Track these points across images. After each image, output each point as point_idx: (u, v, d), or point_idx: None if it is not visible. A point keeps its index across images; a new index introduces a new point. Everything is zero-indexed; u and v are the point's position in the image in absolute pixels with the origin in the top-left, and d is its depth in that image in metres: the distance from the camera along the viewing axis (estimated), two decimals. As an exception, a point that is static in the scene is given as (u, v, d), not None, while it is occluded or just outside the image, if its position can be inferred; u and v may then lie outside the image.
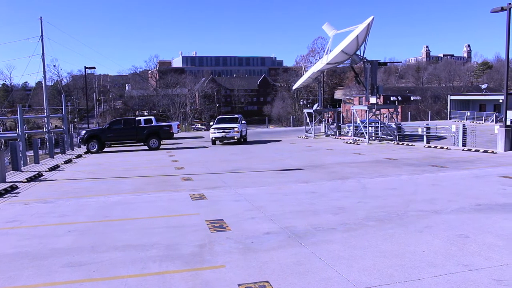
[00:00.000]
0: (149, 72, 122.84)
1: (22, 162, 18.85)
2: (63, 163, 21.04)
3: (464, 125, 22.77)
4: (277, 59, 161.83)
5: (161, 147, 28.39)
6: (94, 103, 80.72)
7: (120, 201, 10.90)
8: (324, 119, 38.23)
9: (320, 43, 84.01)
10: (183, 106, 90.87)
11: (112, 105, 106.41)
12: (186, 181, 13.70)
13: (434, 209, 8.89)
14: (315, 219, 8.38)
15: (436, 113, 71.41)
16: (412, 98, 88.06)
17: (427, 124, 27.81)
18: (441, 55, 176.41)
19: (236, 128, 28.40)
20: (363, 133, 28.60)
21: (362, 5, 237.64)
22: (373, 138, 28.49)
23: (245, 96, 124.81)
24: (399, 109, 34.67)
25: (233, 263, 6.08)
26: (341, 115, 41.48)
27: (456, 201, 9.55)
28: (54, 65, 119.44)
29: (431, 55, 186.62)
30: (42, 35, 41.79)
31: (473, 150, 20.56)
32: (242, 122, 30.40)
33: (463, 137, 22.13)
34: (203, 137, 40.35)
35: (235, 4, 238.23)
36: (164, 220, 8.77)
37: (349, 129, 33.62)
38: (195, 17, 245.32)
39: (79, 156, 24.71)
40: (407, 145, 24.96)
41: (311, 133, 34.50)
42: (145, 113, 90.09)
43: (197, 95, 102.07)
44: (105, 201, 10.96)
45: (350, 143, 27.51)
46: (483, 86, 74.10)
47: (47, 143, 26.24)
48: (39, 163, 21.04)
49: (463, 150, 20.99)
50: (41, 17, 41.87)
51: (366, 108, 27.93)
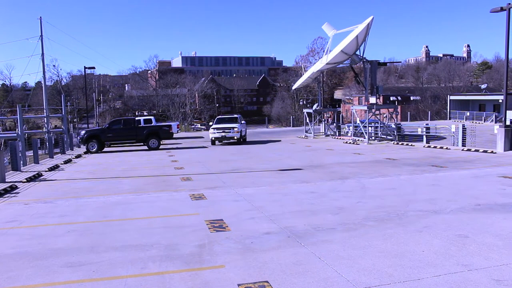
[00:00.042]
0: (149, 72, 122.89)
1: (21, 162, 18.86)
2: (62, 163, 21.03)
3: (463, 125, 22.76)
4: (276, 59, 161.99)
5: (161, 147, 28.39)
6: (93, 103, 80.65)
7: (119, 201, 10.90)
8: (323, 119, 38.24)
9: (319, 43, 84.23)
10: (183, 106, 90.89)
11: (112, 105, 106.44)
12: (185, 181, 13.70)
13: (434, 209, 8.89)
14: (314, 219, 8.38)
15: (436, 113, 71.47)
16: (411, 98, 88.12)
17: (426, 124, 27.82)
18: (441, 55, 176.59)
19: (236, 128, 28.35)
20: (362, 133, 28.61)
21: (362, 5, 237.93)
22: (373, 138, 28.50)
23: (245, 96, 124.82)
24: (398, 109, 34.65)
25: (233, 263, 6.08)
26: (340, 115, 41.48)
27: (455, 201, 9.55)
28: (54, 65, 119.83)
29: (430, 55, 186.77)
30: (41, 35, 41.86)
31: (473, 150, 20.56)
32: (241, 122, 30.36)
33: (462, 137, 22.12)
34: (202, 137, 40.36)
35: (235, 4, 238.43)
36: (163, 220, 8.77)
37: (349, 129, 33.62)
38: (195, 17, 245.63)
39: (78, 156, 24.71)
40: (407, 145, 24.97)
41: (311, 133, 34.51)
42: (145, 113, 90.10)
43: (196, 95, 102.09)
44: (104, 201, 10.96)
45: (350, 143, 27.52)
46: (483, 86, 74.10)
47: (47, 143, 26.23)
48: (38, 163, 21.03)
49: (462, 150, 21.00)
50: (40, 17, 41.96)
51: (365, 108, 27.94)
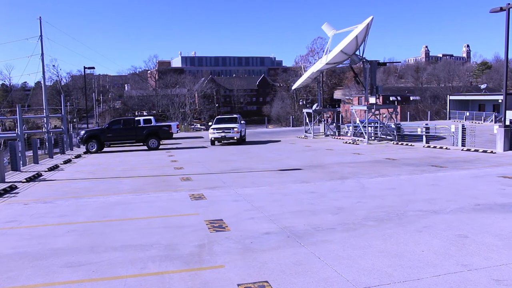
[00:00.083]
0: (149, 72, 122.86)
1: (21, 162, 18.85)
2: (62, 163, 21.02)
3: (463, 125, 22.76)
4: (276, 59, 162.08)
5: (161, 147, 28.38)
6: (93, 103, 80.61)
7: (119, 201, 10.89)
8: (323, 119, 38.24)
9: (319, 43, 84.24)
10: (183, 106, 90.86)
11: (112, 105, 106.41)
12: (185, 181, 13.70)
13: (433, 209, 8.90)
14: (314, 219, 8.38)
15: (436, 113, 71.53)
16: (411, 98, 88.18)
17: (426, 124, 27.83)
18: (440, 55, 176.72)
19: (236, 128, 28.29)
20: (362, 133, 28.62)
21: (362, 5, 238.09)
22: (373, 138, 28.50)
23: (245, 96, 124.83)
24: (398, 109, 34.65)
25: (233, 263, 6.08)
26: (340, 115, 41.46)
27: (455, 201, 9.56)
28: (54, 65, 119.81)
29: (430, 55, 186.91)
30: (41, 35, 41.81)
31: (472, 150, 20.57)
32: (241, 122, 30.33)
33: (462, 137, 22.13)
34: (202, 137, 40.36)
35: (235, 4, 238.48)
36: (163, 220, 8.77)
37: (349, 129, 33.63)
38: (195, 17, 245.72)
39: (78, 156, 24.70)
40: (406, 145, 24.98)
41: (311, 133, 34.51)
42: (145, 113, 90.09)
43: (196, 95, 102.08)
44: (104, 201, 10.96)
45: (350, 143, 27.52)
46: (482, 86, 74.08)
47: (46, 143, 26.23)
48: (38, 163, 21.03)
49: (462, 150, 21.01)
50: (40, 17, 41.93)
51: (365, 108, 27.95)
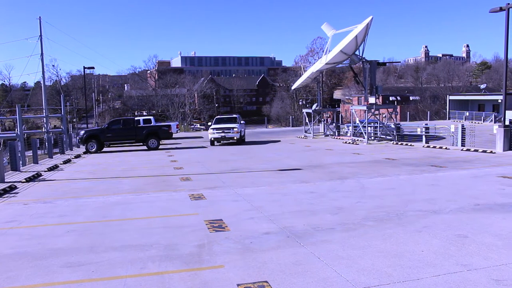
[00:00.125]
0: (148, 72, 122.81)
1: (21, 162, 18.85)
2: (62, 163, 21.02)
3: (463, 125, 22.77)
4: (276, 59, 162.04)
5: (160, 147, 28.37)
6: (93, 103, 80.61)
7: (119, 201, 10.89)
8: (323, 119, 38.23)
9: (319, 43, 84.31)
10: (182, 106, 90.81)
11: (111, 105, 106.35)
12: (185, 181, 13.70)
13: (433, 209, 8.90)
14: (314, 219, 8.38)
15: (435, 113, 71.54)
16: (411, 98, 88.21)
17: (426, 124, 27.84)
18: (440, 55, 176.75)
19: (235, 128, 28.22)
20: (362, 133, 28.62)
21: (361, 5, 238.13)
22: (372, 138, 28.51)
23: (244, 96, 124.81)
24: (398, 109, 34.66)
25: (232, 263, 6.08)
26: (340, 115, 41.46)
27: (455, 201, 9.56)
28: (53, 65, 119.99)
29: (430, 55, 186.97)
30: (41, 35, 41.83)
31: (472, 150, 20.58)
32: (240, 122, 30.29)
33: (462, 137, 22.14)
34: (202, 137, 40.35)
35: (235, 4, 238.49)
36: (163, 220, 8.77)
37: (348, 129, 33.63)
38: (194, 17, 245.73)
39: (78, 156, 24.69)
40: (406, 145, 24.98)
41: (310, 133, 34.52)
42: (144, 113, 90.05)
43: (196, 95, 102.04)
44: (104, 201, 10.96)
45: (349, 143, 27.53)
46: (482, 86, 74.17)
47: (46, 143, 26.22)
48: (38, 163, 21.02)
49: (462, 150, 21.02)
50: (40, 17, 41.96)
51: (365, 108, 27.95)
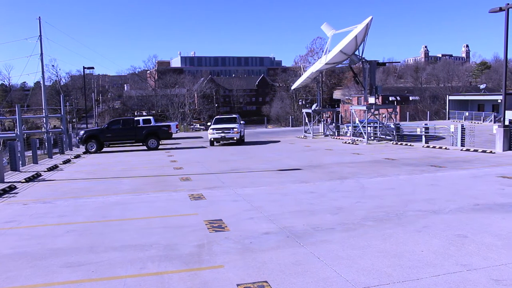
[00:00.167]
0: (148, 72, 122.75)
1: (20, 162, 18.84)
2: (61, 163, 21.01)
3: (462, 125, 22.79)
4: (275, 59, 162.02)
5: (160, 147, 28.37)
6: (92, 103, 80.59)
7: (118, 201, 10.88)
8: (323, 119, 38.25)
9: (319, 43, 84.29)
10: (182, 106, 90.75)
11: (111, 105, 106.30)
12: (184, 181, 13.69)
13: (433, 209, 8.90)
14: (313, 219, 8.38)
15: (435, 113, 71.55)
16: (410, 98, 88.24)
17: (425, 124, 27.85)
18: (440, 55, 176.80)
19: (235, 128, 28.15)
20: (361, 133, 28.63)
21: (361, 5, 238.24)
22: (372, 138, 28.51)
23: (244, 96, 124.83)
24: (397, 109, 34.70)
25: (232, 263, 6.08)
26: (339, 115, 41.45)
27: (454, 201, 9.56)
28: (53, 65, 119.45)
29: (429, 55, 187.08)
30: (40, 35, 41.80)
31: (472, 150, 20.59)
32: (240, 122, 30.25)
33: (461, 137, 22.15)
34: (201, 137, 40.34)
35: (234, 4, 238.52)
36: (162, 220, 8.76)
37: (348, 129, 33.64)
38: (194, 17, 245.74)
39: (77, 156, 24.69)
40: (406, 145, 24.99)
41: (310, 133, 34.52)
42: (144, 113, 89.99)
43: (196, 95, 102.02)
44: (103, 201, 10.95)
45: (349, 143, 27.53)
46: (482, 86, 74.16)
47: (46, 143, 26.20)
48: (37, 163, 21.01)
49: (461, 150, 21.02)
50: (39, 17, 41.95)
51: (364, 108, 27.96)
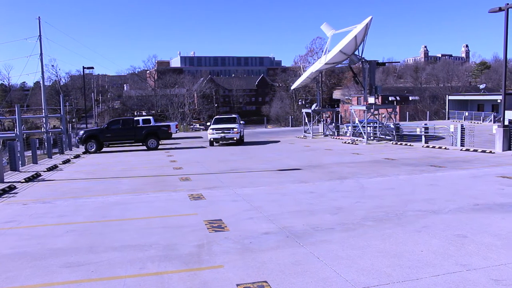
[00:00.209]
0: (148, 72, 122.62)
1: (20, 162, 18.83)
2: (61, 163, 21.00)
3: (462, 125, 22.79)
4: (275, 59, 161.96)
5: (160, 147, 28.37)
6: (92, 103, 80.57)
7: (118, 201, 10.88)
8: (322, 119, 38.27)
9: (318, 43, 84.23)
10: (182, 106, 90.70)
11: (111, 105, 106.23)
12: (184, 181, 13.69)
13: (432, 209, 8.90)
14: (313, 219, 8.38)
15: (435, 113, 71.53)
16: (410, 98, 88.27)
17: (425, 124, 27.86)
18: (439, 55, 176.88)
19: (236, 128, 28.04)
20: (361, 133, 28.63)
21: (361, 5, 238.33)
22: (372, 138, 28.52)
23: (244, 96, 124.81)
24: (397, 109, 34.70)
25: (232, 263, 6.08)
26: (339, 115, 41.45)
27: (454, 201, 9.56)
28: (53, 65, 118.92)
29: (429, 55, 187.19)
30: (40, 35, 41.76)
31: (471, 150, 20.59)
32: (240, 122, 30.21)
33: (461, 137, 22.16)
34: (201, 137, 40.34)
35: (234, 4, 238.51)
36: (162, 220, 8.76)
37: (348, 129, 33.64)
38: (194, 17, 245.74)
39: (77, 156, 24.68)
40: (406, 145, 24.99)
41: (310, 133, 34.52)
42: (144, 113, 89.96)
43: (195, 95, 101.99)
44: (103, 201, 10.95)
45: (349, 143, 27.53)
46: (481, 86, 74.20)
47: (45, 143, 26.19)
48: (37, 163, 21.00)
49: (461, 150, 21.03)
50: (39, 17, 41.90)
51: (364, 108, 27.96)
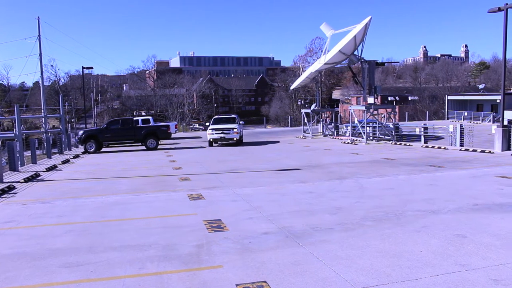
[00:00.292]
0: (147, 72, 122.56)
1: (19, 162, 18.81)
2: (60, 163, 20.99)
3: (461, 125, 22.81)
4: (275, 59, 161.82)
5: (159, 147, 28.36)
6: (91, 103, 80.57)
7: (117, 201, 10.88)
8: (322, 119, 38.27)
9: (318, 43, 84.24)
10: (181, 106, 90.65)
11: (110, 105, 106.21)
12: (184, 181, 13.69)
13: (432, 209, 8.91)
14: (313, 219, 8.38)
15: (434, 113, 71.56)
16: (409, 98, 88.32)
17: (424, 124, 27.88)
18: (439, 55, 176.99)
19: (235, 129, 27.86)
20: (360, 133, 28.64)
21: (360, 5, 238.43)
22: (371, 138, 28.53)
23: (243, 96, 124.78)
24: (396, 109, 34.72)
25: (231, 263, 6.08)
26: (339, 115, 41.50)
27: (453, 201, 9.57)
28: (52, 65, 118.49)
29: (428, 55, 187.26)
30: (39, 35, 41.71)
31: (471, 150, 20.61)
32: (239, 122, 30.13)
33: (460, 137, 22.17)
34: (200, 137, 40.32)
35: (234, 4, 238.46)
36: (161, 220, 8.76)
37: (347, 129, 33.66)
38: (193, 17, 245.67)
39: (76, 156, 24.67)
40: (405, 145, 25.00)
41: (309, 133, 34.52)
42: (143, 113, 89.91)
43: (195, 95, 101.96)
44: (102, 201, 10.95)
45: (348, 143, 27.54)
46: (481, 86, 74.19)
47: (45, 143, 26.16)
48: (36, 163, 20.98)
49: (460, 150, 21.04)
50: (38, 17, 41.84)
51: (363, 108, 27.97)
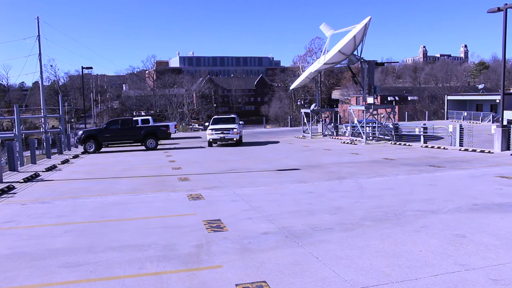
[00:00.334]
0: (147, 72, 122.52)
1: (19, 163, 18.80)
2: (60, 163, 20.98)
3: (461, 125, 22.82)
4: (274, 59, 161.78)
5: (159, 147, 28.35)
6: (91, 103, 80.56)
7: (117, 201, 10.88)
8: (321, 119, 38.27)
9: (317, 43, 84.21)
10: (181, 106, 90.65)
11: (109, 105, 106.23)
12: (183, 181, 13.69)
13: (431, 209, 8.91)
14: (312, 219, 8.38)
15: (433, 113, 71.59)
16: (409, 98, 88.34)
17: (424, 124, 27.87)
18: (438, 55, 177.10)
19: (235, 129, 27.79)
20: (360, 133, 28.65)
21: (360, 5, 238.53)
22: (371, 138, 28.54)
23: (243, 96, 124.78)
24: (396, 109, 34.74)
25: (231, 263, 6.08)
26: (338, 115, 41.52)
27: (453, 201, 9.58)
28: (51, 65, 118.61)
29: (428, 55, 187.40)
30: (39, 35, 41.66)
31: (470, 150, 20.62)
32: (239, 122, 30.08)
33: (460, 137, 22.18)
34: (200, 137, 40.31)
35: (233, 4, 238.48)
36: (161, 220, 8.76)
37: (347, 129, 33.67)
38: (193, 17, 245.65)
39: (76, 157, 24.66)
40: (404, 145, 25.01)
41: (309, 133, 34.52)
42: (143, 113, 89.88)
43: (194, 95, 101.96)
44: (102, 201, 10.94)
45: (348, 143, 27.54)
46: (480, 86, 74.18)
47: (44, 144, 26.14)
48: (36, 163, 20.97)
49: (460, 150, 21.06)
50: (38, 17, 41.79)
51: (363, 108, 27.98)
